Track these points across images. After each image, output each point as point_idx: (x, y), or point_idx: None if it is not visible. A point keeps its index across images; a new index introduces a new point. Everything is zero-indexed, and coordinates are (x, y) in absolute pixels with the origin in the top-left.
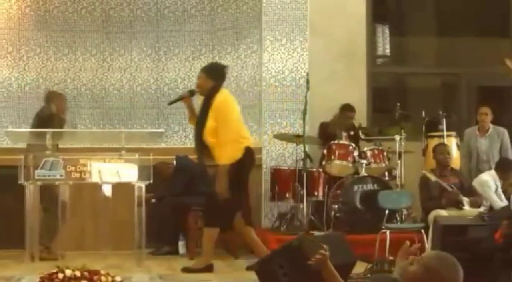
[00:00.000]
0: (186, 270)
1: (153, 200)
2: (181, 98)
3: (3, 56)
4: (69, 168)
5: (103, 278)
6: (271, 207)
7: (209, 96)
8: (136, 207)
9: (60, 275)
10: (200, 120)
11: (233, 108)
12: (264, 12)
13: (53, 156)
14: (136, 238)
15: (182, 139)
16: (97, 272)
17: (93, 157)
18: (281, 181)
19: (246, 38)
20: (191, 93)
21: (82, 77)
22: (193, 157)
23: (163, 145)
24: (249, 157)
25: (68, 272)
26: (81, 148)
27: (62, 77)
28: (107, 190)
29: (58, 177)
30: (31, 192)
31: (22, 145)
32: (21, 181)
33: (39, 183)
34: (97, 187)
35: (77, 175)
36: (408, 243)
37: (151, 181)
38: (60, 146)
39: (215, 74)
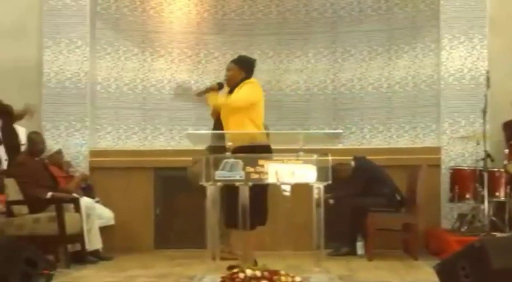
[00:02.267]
0: None
1: (331, 201)
2: (210, 89)
3: (183, 60)
4: (248, 168)
5: (283, 278)
6: (451, 207)
7: (236, 86)
8: (315, 208)
9: (241, 275)
10: None
11: (256, 92)
12: (442, 10)
13: (232, 157)
14: (314, 239)
15: (359, 139)
16: (277, 272)
17: (272, 158)
18: (461, 181)
19: (424, 37)
20: (220, 86)
21: (260, 79)
22: (370, 157)
23: (339, 146)
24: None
25: (249, 272)
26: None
27: None
28: (286, 191)
29: (237, 178)
30: (211, 193)
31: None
32: (202, 181)
33: (219, 183)
34: (276, 188)
35: (256, 176)
36: None
37: (330, 182)
38: None
39: (247, 67)
